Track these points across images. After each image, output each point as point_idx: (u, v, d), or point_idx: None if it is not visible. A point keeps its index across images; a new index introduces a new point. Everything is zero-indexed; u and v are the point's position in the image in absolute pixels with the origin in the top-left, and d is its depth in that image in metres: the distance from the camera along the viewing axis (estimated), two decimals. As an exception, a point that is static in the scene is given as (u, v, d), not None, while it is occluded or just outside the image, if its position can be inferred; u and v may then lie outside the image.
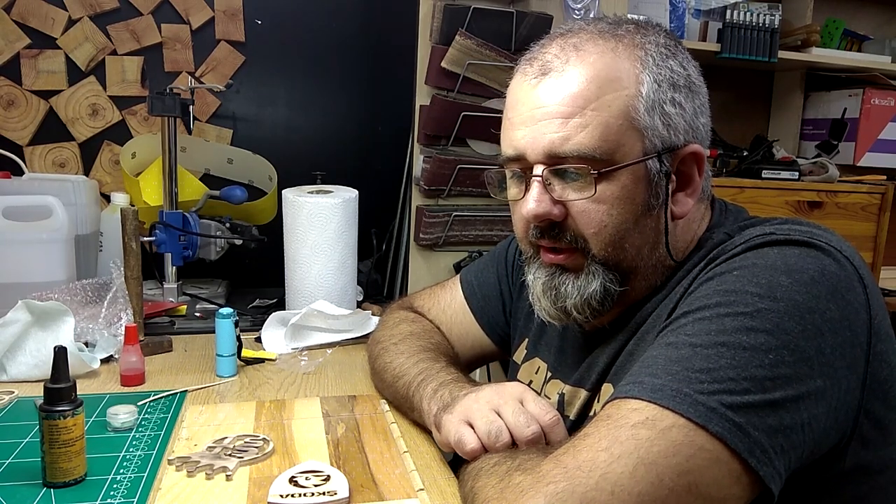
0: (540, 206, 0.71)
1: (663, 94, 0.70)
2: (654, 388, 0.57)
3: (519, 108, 0.73)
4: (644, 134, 0.70)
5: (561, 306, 0.75)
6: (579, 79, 0.69)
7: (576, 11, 1.60)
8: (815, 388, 0.57)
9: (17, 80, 1.55)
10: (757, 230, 0.68)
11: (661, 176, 0.71)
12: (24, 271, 1.22)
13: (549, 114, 0.70)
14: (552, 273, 0.75)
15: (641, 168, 0.70)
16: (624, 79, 0.69)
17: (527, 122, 0.72)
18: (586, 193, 0.70)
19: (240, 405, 0.93)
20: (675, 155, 0.72)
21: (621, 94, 0.69)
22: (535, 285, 0.77)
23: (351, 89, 1.77)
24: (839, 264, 0.62)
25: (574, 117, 0.69)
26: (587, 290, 0.73)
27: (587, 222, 0.71)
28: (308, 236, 1.34)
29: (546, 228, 0.73)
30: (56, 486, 0.70)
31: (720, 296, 0.61)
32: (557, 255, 0.74)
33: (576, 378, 0.81)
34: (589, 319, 0.75)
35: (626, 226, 0.71)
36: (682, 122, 0.72)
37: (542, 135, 0.70)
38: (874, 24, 2.31)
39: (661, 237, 0.73)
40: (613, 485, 0.53)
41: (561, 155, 0.70)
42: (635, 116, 0.69)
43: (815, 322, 0.58)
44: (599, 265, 0.73)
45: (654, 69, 0.70)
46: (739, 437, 0.54)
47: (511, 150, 0.74)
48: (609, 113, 0.69)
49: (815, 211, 1.89)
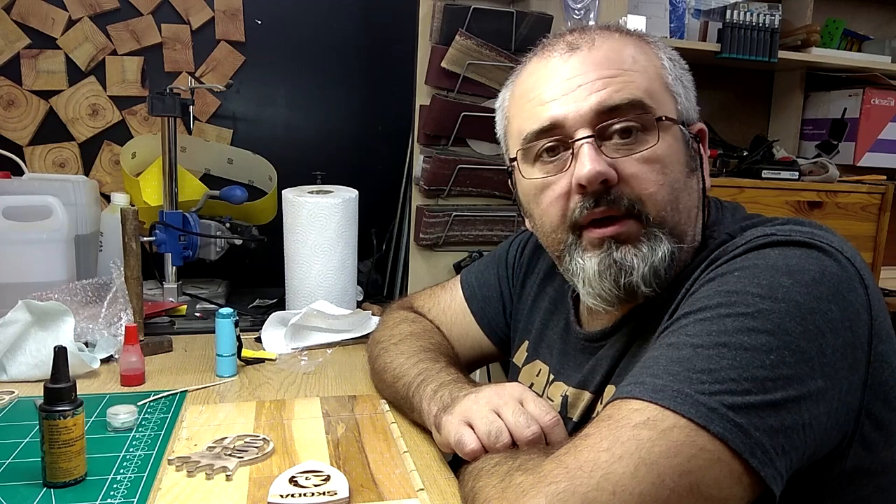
0: (599, 163, 0.67)
1: (678, 71, 0.75)
2: (656, 388, 0.57)
3: (549, 82, 0.73)
4: (676, 99, 0.73)
5: (627, 282, 0.69)
6: (613, 50, 0.72)
7: (576, 11, 1.60)
8: (816, 389, 0.57)
9: (17, 80, 1.55)
10: (758, 231, 0.68)
11: (693, 142, 0.74)
12: (24, 271, 1.22)
13: (589, 78, 0.70)
14: (607, 249, 0.70)
15: (678, 130, 0.72)
16: (649, 53, 0.74)
17: (564, 90, 0.71)
18: (643, 147, 0.69)
19: (240, 405, 0.93)
20: (691, 129, 0.75)
21: (651, 63, 0.73)
22: (587, 268, 0.71)
23: (351, 89, 1.77)
24: (840, 265, 0.61)
25: (618, 77, 0.70)
26: (655, 257, 0.69)
27: (644, 182, 0.69)
28: (308, 236, 1.34)
29: (601, 194, 0.69)
30: (56, 486, 0.70)
31: (721, 296, 0.61)
32: (609, 227, 0.70)
33: (579, 380, 0.81)
34: (654, 292, 0.70)
35: (679, 185, 0.71)
36: (693, 99, 0.76)
37: (587, 96, 0.70)
38: (874, 24, 2.31)
39: (701, 204, 0.74)
40: (615, 485, 0.52)
41: (612, 105, 0.69)
42: (667, 81, 0.73)
43: (817, 323, 0.58)
44: (659, 228, 0.69)
45: (665, 52, 0.75)
46: (741, 437, 0.54)
47: (543, 122, 0.72)
48: (648, 74, 0.72)
49: (815, 211, 1.89)
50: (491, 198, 1.61)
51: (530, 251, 0.99)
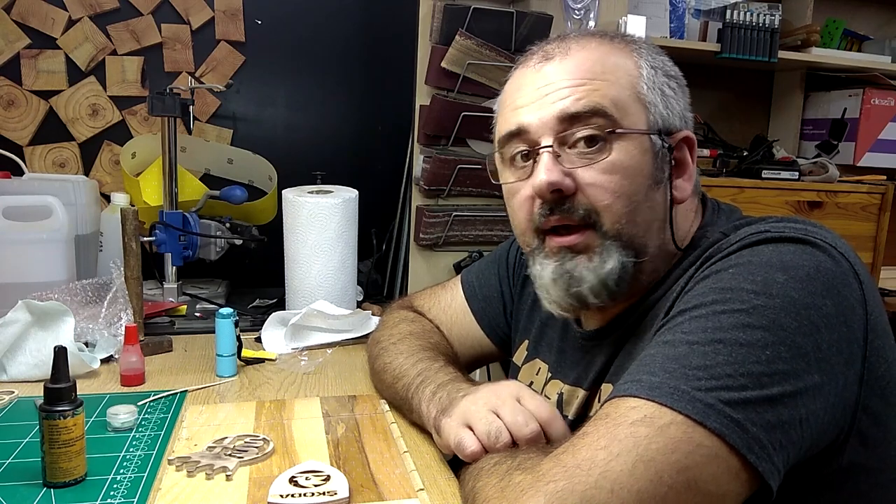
0: (552, 174, 0.69)
1: (660, 79, 0.74)
2: (652, 385, 0.57)
3: (521, 91, 0.74)
4: (648, 109, 0.72)
5: (575, 292, 0.72)
6: (584, 59, 0.72)
7: (576, 11, 1.60)
8: (812, 384, 0.57)
9: (17, 80, 1.55)
10: (752, 228, 0.68)
11: (665, 153, 0.73)
12: (24, 271, 1.22)
13: (556, 87, 0.71)
14: (562, 258, 0.72)
15: (647, 140, 0.72)
16: (624, 61, 0.73)
17: (532, 99, 0.72)
18: (600, 157, 0.70)
19: (240, 405, 0.93)
20: (672, 137, 0.74)
21: (624, 71, 0.72)
22: (543, 275, 0.74)
23: (351, 89, 1.77)
24: (834, 260, 0.62)
25: (584, 85, 0.71)
26: (603, 270, 0.70)
27: (600, 193, 0.70)
28: (308, 236, 1.34)
29: (556, 203, 0.71)
30: (56, 486, 0.70)
31: (716, 293, 0.61)
32: (567, 237, 0.72)
33: (574, 378, 0.81)
34: (605, 303, 0.72)
35: (638, 197, 0.71)
36: (677, 107, 0.75)
37: (551, 104, 0.71)
38: (874, 24, 2.31)
39: (667, 216, 0.73)
40: (613, 482, 0.53)
41: (573, 113, 0.70)
42: (639, 91, 0.72)
43: (812, 318, 0.58)
44: (613, 242, 0.71)
45: (648, 59, 0.74)
46: (738, 433, 0.54)
47: (512, 125, 0.74)
48: (616, 84, 0.71)
49: (815, 211, 1.89)
50: (491, 198, 1.61)
51: None
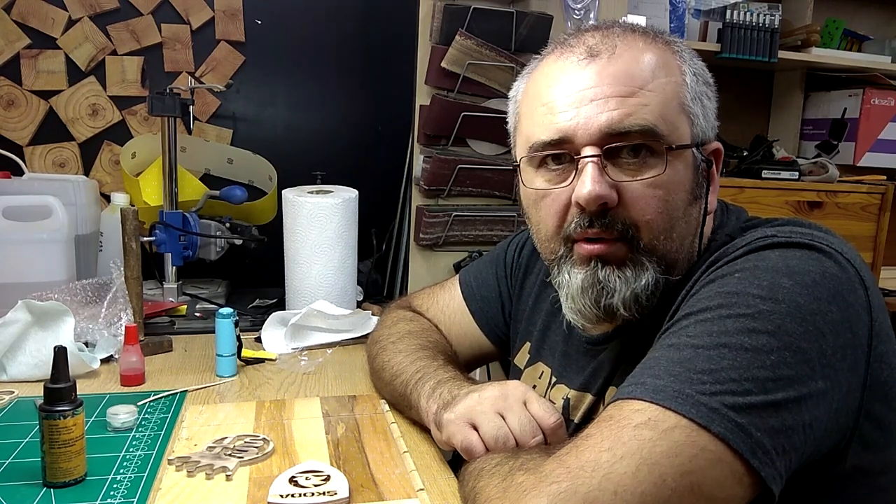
0: (600, 186, 0.66)
1: (700, 88, 0.72)
2: (657, 388, 0.57)
3: (562, 89, 0.70)
4: (692, 121, 0.71)
5: (607, 304, 0.70)
6: (633, 62, 0.69)
7: (576, 11, 1.60)
8: (816, 390, 0.57)
9: (17, 80, 1.55)
10: (759, 232, 0.68)
11: (704, 166, 0.72)
12: (24, 271, 1.22)
13: (603, 93, 0.68)
14: (593, 268, 0.70)
15: (690, 155, 0.70)
16: (671, 66, 0.71)
17: (576, 103, 0.69)
18: (649, 173, 0.67)
19: (240, 405, 0.93)
20: (705, 149, 0.73)
21: (672, 79, 0.70)
22: (571, 284, 0.71)
23: (351, 89, 1.77)
24: (840, 267, 0.62)
25: (633, 97, 0.68)
26: (638, 284, 0.68)
27: (643, 208, 0.68)
28: (308, 236, 1.34)
29: (597, 215, 0.68)
30: (56, 486, 0.70)
31: (722, 297, 0.61)
32: (598, 245, 0.69)
33: (581, 383, 0.81)
34: (633, 317, 0.70)
35: (678, 214, 0.69)
36: (711, 117, 0.73)
37: (598, 114, 0.68)
38: (874, 24, 2.31)
39: (699, 231, 0.72)
40: (616, 485, 0.52)
41: (622, 130, 0.67)
42: (684, 101, 0.70)
43: (817, 324, 0.58)
44: (647, 256, 0.69)
45: (690, 63, 0.73)
46: (742, 437, 0.54)
47: (552, 133, 0.70)
48: (665, 94, 0.69)
49: (815, 211, 1.89)
50: (491, 198, 1.61)
51: (529, 251, 0.99)
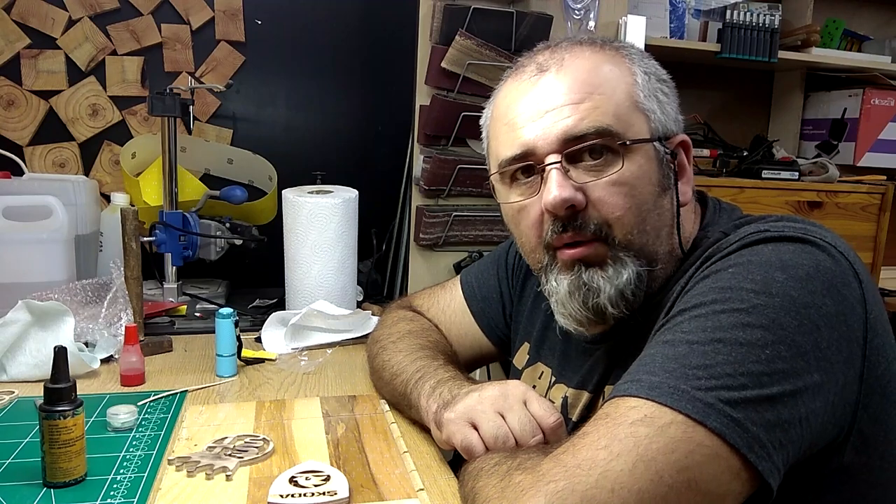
0: (564, 190, 0.69)
1: (653, 85, 0.74)
2: (652, 385, 0.57)
3: (520, 106, 0.74)
4: (648, 116, 0.73)
5: (594, 304, 0.72)
6: (580, 70, 0.72)
7: (576, 11, 1.60)
8: (812, 383, 0.57)
9: (17, 80, 1.55)
10: (752, 227, 0.68)
11: (668, 158, 0.74)
12: (24, 271, 1.22)
13: (557, 104, 0.71)
14: (576, 272, 0.72)
15: (651, 149, 0.72)
16: (620, 70, 0.73)
17: (533, 117, 0.72)
18: (611, 170, 0.70)
19: (240, 405, 0.93)
20: (671, 142, 0.75)
21: (621, 81, 0.72)
22: (559, 290, 0.74)
23: (351, 89, 1.77)
24: (834, 260, 0.62)
25: (584, 102, 0.70)
26: (620, 280, 0.71)
27: (611, 206, 0.70)
28: (308, 236, 1.34)
29: (569, 219, 0.71)
30: (56, 486, 0.70)
31: (716, 293, 0.61)
32: (578, 248, 0.72)
33: (578, 381, 0.81)
34: (622, 314, 0.72)
35: (647, 206, 0.71)
36: (671, 111, 0.75)
37: (554, 123, 0.71)
38: (874, 24, 2.31)
39: (675, 222, 0.74)
40: (613, 482, 0.53)
41: (578, 135, 0.70)
42: (638, 100, 0.72)
43: (811, 317, 0.58)
44: (625, 252, 0.71)
45: (640, 64, 0.75)
46: (738, 432, 0.54)
47: (516, 149, 0.74)
48: (615, 95, 0.71)
49: (815, 211, 1.89)
50: (491, 198, 1.58)
51: None
